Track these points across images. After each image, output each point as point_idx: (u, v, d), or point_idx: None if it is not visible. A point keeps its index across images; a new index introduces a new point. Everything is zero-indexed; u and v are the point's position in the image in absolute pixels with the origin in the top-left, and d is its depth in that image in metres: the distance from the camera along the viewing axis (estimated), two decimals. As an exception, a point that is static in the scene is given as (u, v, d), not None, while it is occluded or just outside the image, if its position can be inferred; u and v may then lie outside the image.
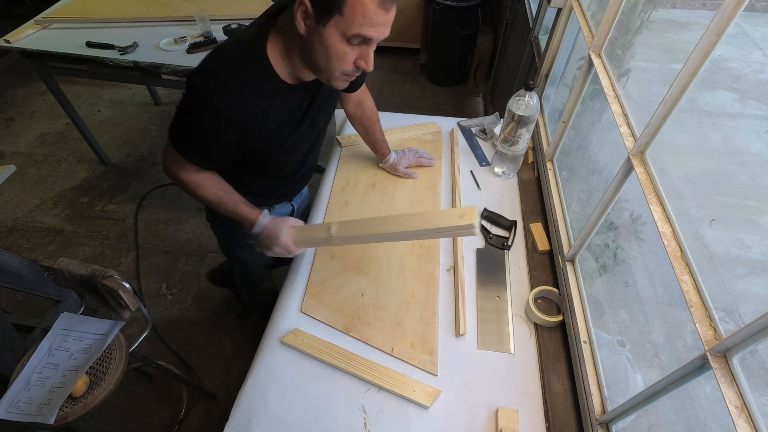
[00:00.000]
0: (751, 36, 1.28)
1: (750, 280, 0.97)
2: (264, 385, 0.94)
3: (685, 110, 0.77)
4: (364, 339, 1.01)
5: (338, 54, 0.76)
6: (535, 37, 1.78)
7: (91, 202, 2.53)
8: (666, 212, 0.77)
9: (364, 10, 0.71)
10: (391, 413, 0.91)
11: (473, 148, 1.50)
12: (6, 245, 2.30)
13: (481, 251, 1.20)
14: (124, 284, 1.25)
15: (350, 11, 0.71)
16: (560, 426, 0.89)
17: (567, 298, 1.03)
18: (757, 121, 1.20)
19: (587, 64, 1.13)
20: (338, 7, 0.70)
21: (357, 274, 1.14)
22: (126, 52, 1.97)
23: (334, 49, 0.76)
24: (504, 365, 0.98)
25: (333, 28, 0.73)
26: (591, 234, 1.01)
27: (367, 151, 1.40)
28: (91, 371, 1.22)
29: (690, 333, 0.91)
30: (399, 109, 3.10)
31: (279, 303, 1.10)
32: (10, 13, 3.94)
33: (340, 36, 0.74)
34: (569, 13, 1.34)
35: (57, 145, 2.88)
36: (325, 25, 0.73)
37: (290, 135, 0.93)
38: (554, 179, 1.30)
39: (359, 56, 0.79)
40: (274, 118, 0.87)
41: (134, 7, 2.27)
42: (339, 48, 0.75)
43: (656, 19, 1.19)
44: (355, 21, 0.71)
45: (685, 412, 0.87)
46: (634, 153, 0.87)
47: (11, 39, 2.06)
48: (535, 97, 1.23)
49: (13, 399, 1.14)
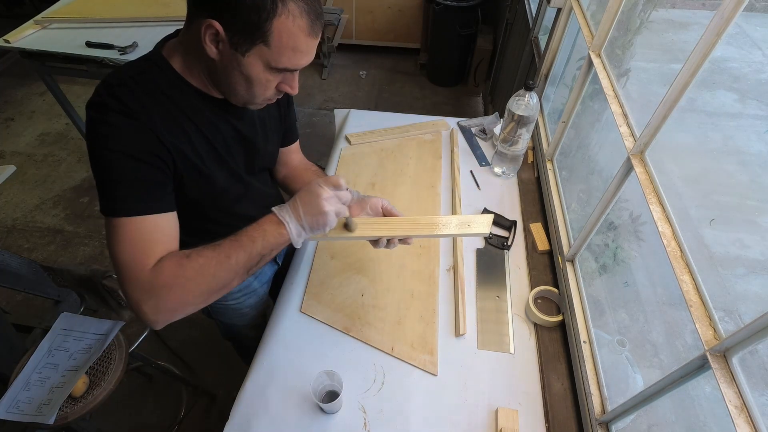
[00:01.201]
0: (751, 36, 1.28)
1: (750, 280, 0.97)
2: (264, 385, 0.94)
3: (684, 110, 0.77)
4: (364, 339, 1.01)
5: (261, 82, 0.68)
6: (535, 37, 1.78)
7: (91, 202, 2.53)
8: (666, 212, 0.77)
9: (294, 43, 0.63)
10: (391, 413, 0.91)
11: (473, 148, 1.50)
12: (6, 245, 2.30)
13: (481, 251, 1.20)
14: (124, 284, 1.24)
15: (277, 43, 0.63)
16: (560, 426, 0.89)
17: (567, 298, 1.03)
18: (757, 121, 1.20)
19: (587, 64, 1.13)
20: (263, 37, 0.62)
21: (357, 273, 1.14)
22: (126, 52, 1.97)
23: (257, 78, 0.67)
24: (504, 365, 0.98)
25: (255, 58, 0.64)
26: (591, 234, 1.01)
27: (367, 150, 1.40)
28: (91, 371, 1.22)
29: (690, 333, 0.91)
30: (399, 109, 3.10)
31: (279, 303, 1.10)
32: (10, 13, 3.94)
33: (263, 66, 0.66)
34: (569, 13, 1.34)
35: (57, 145, 2.88)
36: (245, 54, 0.64)
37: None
38: (554, 179, 1.30)
39: (282, 81, 0.71)
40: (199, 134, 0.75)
41: (134, 7, 2.27)
42: (262, 77, 0.67)
43: (656, 19, 1.19)
44: (284, 54, 0.64)
45: (684, 412, 0.87)
46: (634, 153, 0.87)
47: (11, 39, 2.06)
48: (535, 97, 1.23)
49: (12, 399, 1.14)
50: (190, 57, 0.71)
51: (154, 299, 0.65)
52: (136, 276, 0.65)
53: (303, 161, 1.09)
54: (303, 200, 0.71)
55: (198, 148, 0.75)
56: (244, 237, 0.70)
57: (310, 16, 0.63)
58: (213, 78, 0.72)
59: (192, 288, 0.67)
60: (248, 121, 0.84)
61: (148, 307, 0.65)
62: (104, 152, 0.65)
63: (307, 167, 1.08)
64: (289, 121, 0.99)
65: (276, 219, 0.71)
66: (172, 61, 0.71)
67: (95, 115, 0.65)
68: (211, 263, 0.68)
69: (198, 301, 0.69)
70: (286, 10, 0.61)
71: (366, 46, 3.63)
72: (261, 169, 0.97)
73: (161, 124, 0.68)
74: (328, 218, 0.71)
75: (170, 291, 0.66)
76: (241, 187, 0.89)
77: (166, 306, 0.66)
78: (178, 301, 0.67)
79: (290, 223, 0.71)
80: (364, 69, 3.57)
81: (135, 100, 0.66)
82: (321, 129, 3.04)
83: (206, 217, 0.87)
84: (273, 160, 0.99)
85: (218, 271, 0.68)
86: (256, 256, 0.70)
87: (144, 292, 0.65)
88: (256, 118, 0.87)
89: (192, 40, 0.67)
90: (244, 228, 0.71)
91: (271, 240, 0.70)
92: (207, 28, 0.62)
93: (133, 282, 0.65)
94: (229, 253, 0.68)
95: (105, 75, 0.69)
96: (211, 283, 0.68)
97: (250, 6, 0.59)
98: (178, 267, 0.66)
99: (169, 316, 0.68)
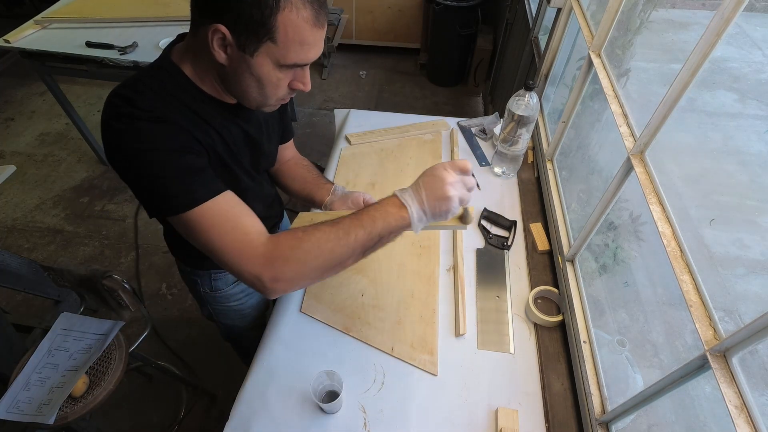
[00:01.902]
0: (751, 36, 1.28)
1: (750, 280, 0.97)
2: (264, 385, 0.94)
3: (684, 110, 0.77)
4: (364, 339, 1.01)
5: (272, 82, 0.68)
6: (535, 37, 1.78)
7: (91, 202, 2.53)
8: (666, 212, 0.77)
9: (300, 36, 0.63)
10: (391, 413, 0.91)
11: (473, 148, 1.50)
12: (6, 245, 2.30)
13: (481, 251, 1.20)
14: (123, 284, 1.25)
15: (284, 38, 0.62)
16: (560, 426, 0.89)
17: (567, 298, 1.03)
18: (757, 121, 1.20)
19: (587, 64, 1.13)
20: (268, 33, 0.61)
21: (357, 273, 1.14)
22: (126, 52, 1.97)
23: (267, 78, 0.67)
24: (504, 365, 0.98)
25: (264, 57, 0.64)
26: (591, 234, 1.01)
27: (367, 150, 1.40)
28: (91, 371, 1.22)
29: (690, 333, 0.91)
30: (399, 109, 3.10)
31: (279, 303, 1.10)
32: (10, 13, 3.94)
33: (273, 64, 0.65)
34: (569, 13, 1.34)
35: (57, 145, 2.88)
36: (253, 55, 0.63)
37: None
38: (554, 179, 1.30)
39: (294, 78, 0.70)
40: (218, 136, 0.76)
41: (134, 7, 2.28)
42: (273, 76, 0.67)
43: (656, 19, 1.19)
44: (292, 49, 0.64)
45: (684, 412, 0.87)
46: (634, 153, 0.87)
47: (11, 39, 2.06)
48: (535, 97, 1.23)
49: (13, 399, 1.14)
50: (199, 64, 0.71)
51: (272, 269, 0.65)
52: (251, 251, 0.65)
53: (295, 155, 1.11)
54: (427, 184, 0.68)
55: (218, 148, 0.76)
56: (365, 216, 0.68)
57: (314, 6, 0.62)
58: (225, 84, 0.72)
59: (309, 260, 0.66)
60: (255, 123, 0.85)
61: (267, 276, 0.65)
62: (148, 155, 0.64)
63: (298, 161, 1.09)
64: (286, 119, 1.01)
65: (398, 202, 0.68)
66: (182, 67, 0.71)
67: (124, 126, 0.64)
68: (330, 237, 0.66)
69: (314, 275, 0.68)
70: (289, 3, 0.60)
71: (366, 46, 3.63)
72: (264, 169, 0.98)
73: (188, 125, 0.69)
74: (452, 204, 0.67)
75: (287, 262, 0.65)
76: (255, 186, 0.91)
77: (284, 275, 0.66)
78: (295, 272, 0.66)
79: (412, 207, 0.67)
80: (364, 69, 3.57)
81: (158, 107, 0.66)
82: (321, 129, 3.04)
83: None
84: (274, 159, 1.00)
85: (336, 246, 0.66)
86: (375, 236, 0.67)
87: (261, 264, 0.65)
88: (261, 120, 0.87)
89: (200, 48, 0.67)
90: (365, 208, 0.70)
91: (392, 222, 0.68)
92: (213, 32, 0.62)
93: (247, 258, 0.65)
94: (348, 230, 0.67)
95: (115, 87, 0.69)
96: (328, 258, 0.67)
97: (252, 3, 0.59)
98: (295, 239, 0.66)
99: (287, 286, 0.67)
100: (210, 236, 0.66)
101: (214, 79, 0.72)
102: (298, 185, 1.06)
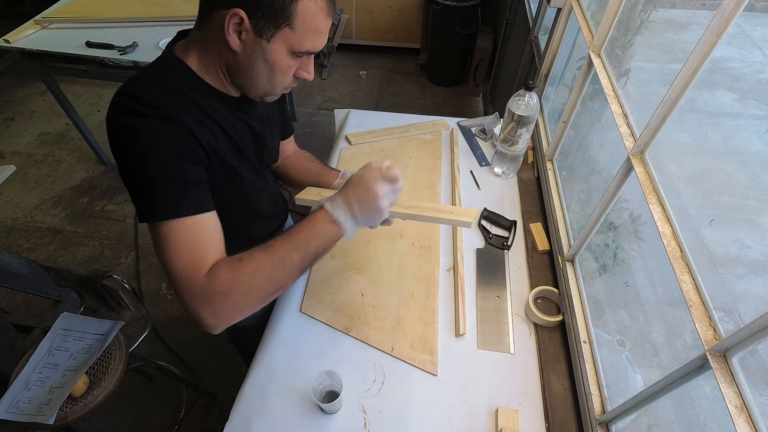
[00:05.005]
0: (751, 36, 1.28)
1: (750, 280, 0.97)
2: (264, 385, 0.94)
3: (684, 110, 0.77)
4: (364, 339, 1.01)
5: (283, 69, 0.70)
6: (535, 37, 1.78)
7: (91, 202, 2.53)
8: (666, 212, 0.77)
9: (315, 24, 0.65)
10: (391, 413, 0.91)
11: (473, 148, 1.50)
12: (6, 245, 2.30)
13: (481, 251, 1.20)
14: (124, 284, 1.25)
15: (301, 25, 0.64)
16: (560, 426, 0.89)
17: (567, 298, 1.03)
18: (757, 121, 1.20)
19: (587, 64, 1.13)
20: (288, 20, 0.63)
21: (356, 273, 1.14)
22: (126, 52, 1.97)
23: (280, 65, 0.68)
24: (504, 365, 0.98)
25: (280, 42, 0.65)
26: (591, 234, 1.01)
27: (367, 150, 1.40)
28: (91, 371, 1.22)
29: (690, 333, 0.91)
30: (399, 109, 3.10)
31: (279, 303, 1.10)
32: (10, 13, 3.94)
33: (287, 51, 0.67)
34: (569, 13, 1.34)
35: (57, 145, 2.88)
36: (270, 40, 0.64)
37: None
38: (554, 179, 1.30)
39: (300, 67, 0.72)
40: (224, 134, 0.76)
41: (134, 7, 2.28)
42: (285, 63, 0.68)
43: (656, 19, 1.19)
44: (307, 36, 0.65)
45: (684, 412, 0.87)
46: (634, 153, 0.87)
47: (11, 39, 2.06)
48: (535, 97, 1.23)
49: (13, 399, 1.14)
50: (206, 55, 0.71)
51: (212, 306, 0.65)
52: (192, 284, 0.64)
53: (296, 149, 1.13)
54: (359, 196, 0.69)
55: (224, 145, 0.76)
56: (298, 238, 0.68)
57: None
58: (231, 73, 0.72)
59: (247, 292, 0.66)
60: (258, 118, 0.85)
61: (206, 313, 0.65)
62: (147, 153, 0.63)
63: (299, 155, 1.12)
64: (286, 114, 1.02)
65: (329, 218, 0.70)
66: (188, 61, 0.71)
67: (132, 122, 0.63)
68: (265, 266, 0.66)
69: (254, 305, 0.68)
70: None
71: (366, 46, 3.63)
72: (268, 165, 0.99)
73: (193, 125, 0.68)
74: (384, 215, 0.72)
75: (226, 297, 0.65)
76: (261, 182, 0.91)
77: (223, 311, 0.65)
78: (235, 306, 0.66)
79: (346, 223, 0.70)
80: (364, 69, 3.57)
81: (166, 104, 0.66)
82: (321, 129, 3.04)
83: (230, 219, 0.86)
84: (277, 154, 1.01)
85: (272, 274, 0.67)
86: (310, 255, 0.69)
87: (201, 300, 0.64)
88: (263, 115, 0.88)
89: (208, 36, 0.68)
90: (296, 226, 0.70)
91: (326, 239, 0.69)
92: (231, 17, 0.62)
93: (189, 290, 0.64)
94: (283, 256, 0.67)
95: (120, 86, 0.68)
96: (266, 286, 0.67)
97: None
98: (232, 272, 0.65)
99: (227, 320, 0.67)
100: (169, 256, 0.64)
101: (221, 70, 0.72)
102: (303, 175, 1.06)
